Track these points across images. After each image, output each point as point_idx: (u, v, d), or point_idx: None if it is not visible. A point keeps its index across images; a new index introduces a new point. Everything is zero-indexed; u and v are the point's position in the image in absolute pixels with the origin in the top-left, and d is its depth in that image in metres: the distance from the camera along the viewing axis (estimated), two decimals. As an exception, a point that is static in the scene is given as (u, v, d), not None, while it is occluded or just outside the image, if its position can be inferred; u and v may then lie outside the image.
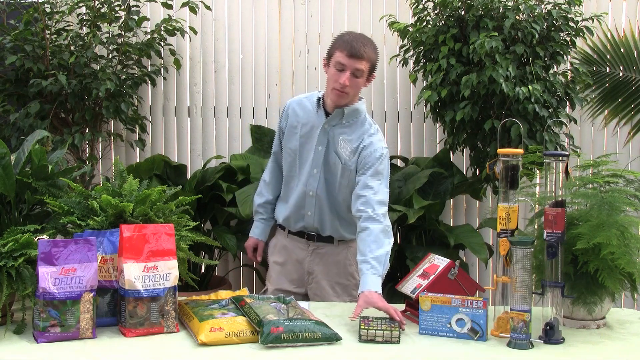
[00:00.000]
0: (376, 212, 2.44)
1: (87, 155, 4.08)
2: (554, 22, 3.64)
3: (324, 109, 2.66)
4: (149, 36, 4.10)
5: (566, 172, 2.01)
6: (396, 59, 4.09)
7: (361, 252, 2.39)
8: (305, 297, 2.77)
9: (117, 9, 3.98)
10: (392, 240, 2.45)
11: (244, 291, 2.29)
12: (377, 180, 2.54)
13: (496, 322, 2.03)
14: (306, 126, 2.70)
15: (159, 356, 1.86)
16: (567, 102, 3.72)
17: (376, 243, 2.37)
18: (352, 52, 2.49)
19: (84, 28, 4.11)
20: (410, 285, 2.23)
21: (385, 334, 2.07)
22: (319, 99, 2.66)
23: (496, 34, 3.50)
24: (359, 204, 2.49)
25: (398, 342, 2.08)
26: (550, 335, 1.94)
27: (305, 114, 2.72)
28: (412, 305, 2.20)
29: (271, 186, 2.83)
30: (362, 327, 2.09)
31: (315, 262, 2.75)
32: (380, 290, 2.25)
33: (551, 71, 3.69)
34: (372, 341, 2.07)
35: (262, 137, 4.14)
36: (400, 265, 3.78)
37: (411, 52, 3.92)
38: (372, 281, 2.28)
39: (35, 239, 2.00)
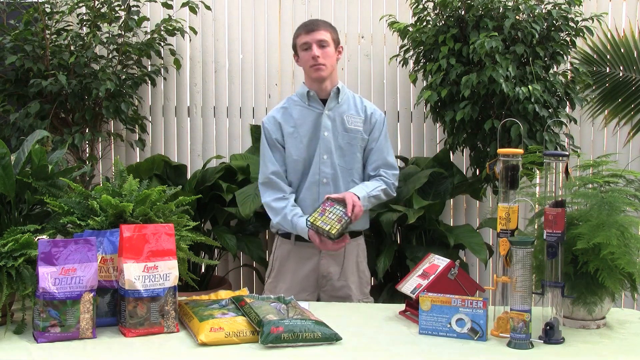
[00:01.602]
0: (387, 172, 2.81)
1: (87, 155, 4.09)
2: (554, 22, 3.64)
3: (317, 98, 2.76)
4: (149, 36, 4.10)
5: (566, 172, 2.01)
6: (396, 59, 4.09)
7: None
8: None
9: (117, 9, 3.98)
10: (391, 195, 2.82)
11: (244, 291, 2.29)
12: (387, 142, 2.85)
13: (496, 322, 2.03)
14: (305, 125, 2.73)
15: (159, 356, 1.86)
16: (567, 102, 3.72)
17: (374, 184, 2.76)
18: (308, 28, 2.74)
19: (84, 28, 4.11)
20: (410, 285, 2.23)
21: (325, 229, 2.53)
22: (307, 92, 2.72)
23: (496, 34, 3.50)
24: (370, 169, 2.81)
25: (333, 238, 2.56)
26: (550, 335, 1.94)
27: (298, 114, 2.76)
28: (412, 305, 2.20)
29: (289, 192, 2.79)
30: (316, 213, 2.57)
31: (330, 264, 2.76)
32: (360, 196, 2.64)
33: (551, 71, 3.69)
34: (316, 230, 2.57)
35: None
36: (400, 265, 3.78)
37: (411, 52, 3.92)
38: (357, 190, 2.67)
39: (35, 239, 2.00)
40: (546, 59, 3.68)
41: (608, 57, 4.00)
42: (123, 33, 3.97)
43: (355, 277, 2.81)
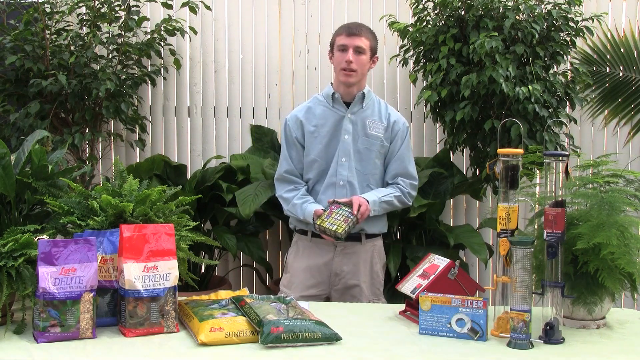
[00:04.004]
0: (404, 181, 2.81)
1: (87, 155, 4.08)
2: (554, 22, 3.64)
3: (341, 101, 2.77)
4: (149, 36, 4.10)
5: (566, 172, 2.01)
6: (396, 59, 4.09)
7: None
8: (327, 300, 2.77)
9: (117, 9, 3.98)
10: (407, 203, 2.83)
11: (244, 291, 2.29)
12: (408, 152, 2.86)
13: (496, 322, 2.03)
14: (326, 125, 2.75)
15: (159, 356, 1.86)
16: (567, 102, 3.72)
17: (389, 190, 2.77)
18: (350, 31, 2.73)
19: (84, 28, 4.11)
20: (410, 285, 2.23)
21: (332, 230, 2.56)
22: (333, 94, 2.72)
23: (496, 34, 3.50)
24: (389, 177, 2.81)
25: (342, 238, 2.58)
26: (550, 335, 1.94)
27: (321, 114, 2.77)
28: (412, 305, 2.20)
29: (302, 186, 2.82)
30: (323, 216, 2.61)
31: (344, 263, 2.76)
32: (370, 200, 2.67)
33: (551, 71, 3.69)
34: (323, 232, 2.61)
35: (262, 137, 4.14)
36: (400, 265, 3.77)
37: (411, 52, 3.92)
38: (368, 195, 2.69)
39: (35, 239, 2.00)
40: (546, 59, 3.68)
41: (608, 57, 4.00)
42: (123, 33, 3.97)
43: (368, 277, 2.81)
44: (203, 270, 4.11)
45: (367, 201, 2.67)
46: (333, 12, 4.35)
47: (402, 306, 2.28)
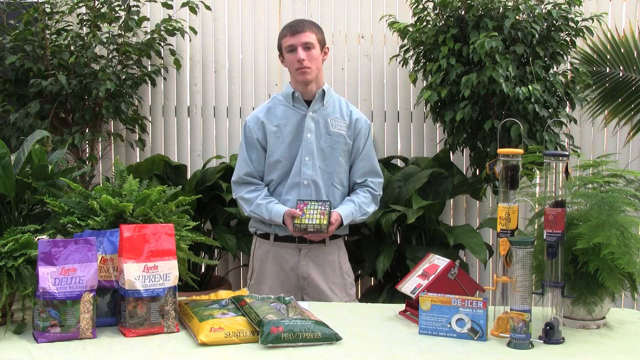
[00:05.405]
0: (374, 182, 2.80)
1: (87, 155, 4.09)
2: (554, 22, 3.64)
3: (301, 99, 2.76)
4: (149, 36, 4.10)
5: (566, 172, 2.01)
6: (396, 59, 4.09)
7: (354, 198, 2.75)
8: None
9: (117, 9, 3.98)
10: (377, 207, 2.84)
11: (244, 291, 2.29)
12: (372, 149, 2.83)
13: (496, 322, 2.03)
14: (288, 125, 2.74)
15: (159, 356, 1.86)
16: (567, 102, 3.72)
17: (366, 204, 2.76)
18: (294, 30, 2.71)
19: (84, 28, 4.11)
20: (410, 285, 2.23)
21: (315, 225, 2.58)
22: (292, 93, 2.71)
23: (496, 34, 3.50)
24: (357, 176, 2.79)
25: (326, 230, 2.59)
26: (550, 335, 1.94)
27: (282, 114, 2.76)
28: (412, 305, 2.20)
29: (263, 187, 2.79)
30: (296, 220, 2.59)
31: (310, 266, 2.73)
32: (343, 215, 2.67)
33: (551, 71, 3.69)
34: (305, 230, 2.59)
35: (262, 137, 4.14)
36: (400, 265, 3.78)
37: (411, 52, 3.92)
38: (343, 210, 2.68)
39: (35, 239, 2.00)
40: (546, 59, 3.68)
41: (608, 57, 4.00)
42: (123, 33, 3.97)
43: (339, 278, 2.79)
44: (203, 270, 4.11)
45: (353, 215, 2.72)
46: (333, 12, 4.35)
47: (402, 306, 2.28)
